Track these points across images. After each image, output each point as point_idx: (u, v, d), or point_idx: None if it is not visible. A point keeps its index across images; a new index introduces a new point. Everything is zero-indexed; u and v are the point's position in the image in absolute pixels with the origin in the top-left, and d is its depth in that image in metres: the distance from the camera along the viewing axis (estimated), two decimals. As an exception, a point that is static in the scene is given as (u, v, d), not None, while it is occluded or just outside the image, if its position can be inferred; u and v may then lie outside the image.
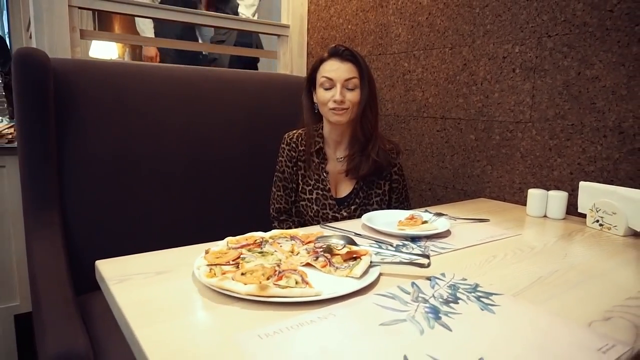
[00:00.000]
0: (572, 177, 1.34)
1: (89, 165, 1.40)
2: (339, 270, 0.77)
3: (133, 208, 1.47)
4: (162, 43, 2.75)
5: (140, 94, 1.53)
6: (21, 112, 1.30)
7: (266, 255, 0.81)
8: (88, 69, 1.48)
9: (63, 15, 1.63)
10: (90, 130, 1.42)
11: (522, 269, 0.86)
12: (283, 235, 0.93)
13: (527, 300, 0.72)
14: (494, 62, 1.52)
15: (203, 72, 1.80)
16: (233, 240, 0.89)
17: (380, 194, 1.42)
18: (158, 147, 1.53)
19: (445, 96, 1.69)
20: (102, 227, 1.41)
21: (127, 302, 0.67)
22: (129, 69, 1.58)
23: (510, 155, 1.50)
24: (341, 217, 1.39)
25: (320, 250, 0.85)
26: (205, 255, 0.81)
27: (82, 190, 1.39)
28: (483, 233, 1.10)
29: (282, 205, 1.45)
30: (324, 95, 1.31)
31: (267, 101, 1.81)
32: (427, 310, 0.66)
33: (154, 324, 0.62)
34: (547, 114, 1.39)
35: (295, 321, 0.62)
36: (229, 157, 1.67)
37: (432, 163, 1.77)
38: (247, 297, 0.66)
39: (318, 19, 2.24)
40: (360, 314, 0.65)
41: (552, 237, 1.11)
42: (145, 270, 0.80)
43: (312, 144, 1.41)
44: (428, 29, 1.73)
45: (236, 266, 0.76)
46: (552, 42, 1.36)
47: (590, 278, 0.83)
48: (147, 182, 1.50)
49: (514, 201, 1.49)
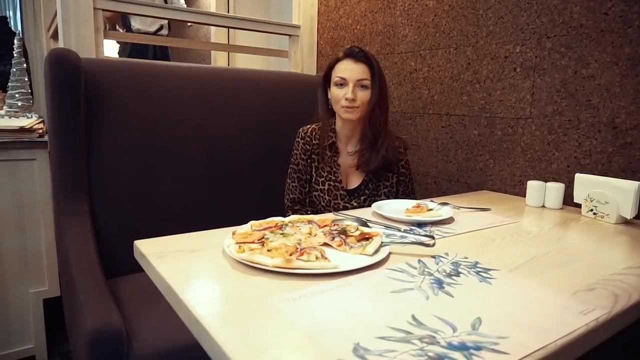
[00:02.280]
0: (569, 169, 1.42)
1: (114, 159, 1.50)
2: (353, 249, 0.87)
3: (156, 199, 1.57)
4: (176, 42, 2.84)
5: (162, 91, 1.62)
6: (54, 109, 1.40)
7: (287, 236, 0.91)
8: (114, 67, 1.58)
9: (88, 16, 1.72)
10: (115, 125, 1.52)
11: (518, 250, 0.95)
12: (301, 220, 1.03)
13: (521, 275, 0.81)
14: (496, 62, 1.60)
15: (219, 71, 1.89)
16: (256, 224, 0.98)
17: (388, 186, 1.51)
18: (178, 142, 1.62)
19: (450, 94, 1.78)
20: (127, 216, 1.51)
21: (169, 273, 0.77)
22: (152, 68, 1.67)
23: (511, 150, 1.58)
24: (351, 207, 1.47)
25: (335, 232, 0.94)
26: (233, 235, 0.90)
27: (109, 182, 1.49)
28: (484, 220, 1.19)
29: (297, 195, 1.55)
30: (337, 93, 1.40)
31: (279, 99, 1.90)
32: (432, 281, 0.76)
33: (196, 290, 0.71)
34: (546, 111, 1.47)
35: (317, 289, 0.71)
36: (243, 151, 1.76)
37: (437, 157, 1.85)
38: (274, 269, 0.76)
39: (328, 19, 2.32)
40: (373, 284, 0.74)
41: (548, 224, 1.19)
42: (179, 248, 0.90)
43: (325, 138, 1.49)
44: (434, 30, 1.81)
45: (262, 244, 0.86)
46: (550, 43, 1.44)
47: (579, 257, 0.92)
48: (168, 174, 1.60)
49: (514, 193, 1.57)
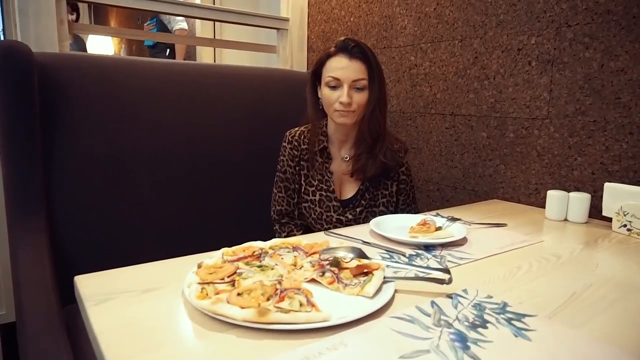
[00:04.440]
0: (594, 177, 1.25)
1: (78, 167, 1.31)
2: (348, 288, 0.68)
3: (126, 212, 1.37)
4: (160, 37, 2.66)
5: (134, 90, 1.44)
6: (2, 109, 1.21)
7: (266, 270, 0.73)
8: (76, 63, 1.39)
9: (50, 7, 1.53)
10: (79, 128, 1.33)
11: (551, 283, 0.78)
12: (285, 245, 0.84)
13: (563, 322, 0.63)
14: (508, 55, 1.43)
15: (199, 67, 1.71)
16: (229, 251, 0.80)
17: (387, 196, 1.33)
18: (153, 147, 1.44)
19: (454, 91, 1.60)
20: (93, 233, 1.32)
21: (106, 328, 0.58)
22: (121, 63, 1.49)
23: (525, 154, 1.41)
24: (346, 220, 1.30)
25: (326, 263, 0.76)
26: (197, 270, 0.72)
27: (71, 194, 1.30)
28: (502, 240, 1.01)
29: (284, 207, 1.37)
30: (330, 95, 1.21)
31: (266, 98, 1.73)
32: (453, 337, 0.57)
33: (134, 357, 0.53)
34: (567, 110, 1.30)
35: (301, 354, 0.53)
36: (227, 157, 1.59)
37: (441, 162, 1.68)
38: (244, 323, 0.57)
39: (319, 11, 2.15)
40: (376, 343, 0.56)
41: (576, 244, 1.02)
42: (130, 287, 0.71)
43: (315, 142, 1.32)
44: (436, 21, 1.64)
45: (232, 284, 0.67)
46: (572, 33, 1.27)
47: (628, 294, 0.74)
48: (141, 184, 1.41)
49: (529, 203, 1.40)
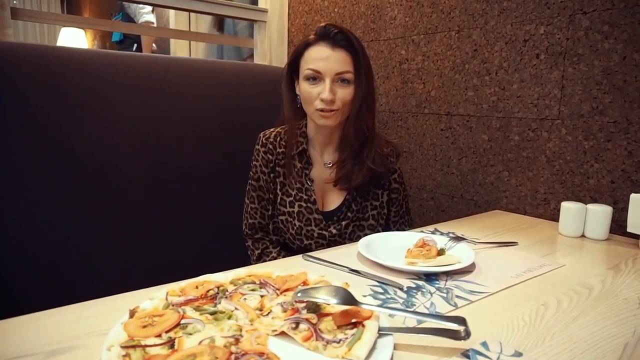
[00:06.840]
0: (614, 186, 1.10)
1: (16, 170, 1.15)
2: (330, 347, 0.50)
3: (73, 223, 1.22)
4: (128, 28, 2.47)
5: (86, 83, 1.29)
6: None
7: (220, 320, 0.54)
8: (17, 53, 1.22)
9: (-12, -11, 1.33)
10: (20, 125, 1.17)
11: (593, 330, 0.61)
12: (250, 279, 0.66)
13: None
14: (513, 47, 1.29)
15: (164, 60, 1.55)
16: (175, 290, 0.61)
17: (377, 207, 1.16)
18: (108, 148, 1.29)
19: (451, 89, 1.46)
20: (32, 246, 1.16)
21: None
22: (71, 54, 1.33)
23: (532, 160, 1.26)
24: (329, 235, 1.12)
25: (302, 307, 0.57)
26: (127, 321, 0.53)
27: (8, 201, 1.14)
28: (516, 264, 0.84)
29: (257, 220, 1.19)
30: (309, 91, 1.04)
31: (241, 96, 1.59)
32: None
33: None
34: (581, 109, 1.16)
35: None
36: (193, 160, 1.44)
37: (435, 168, 1.52)
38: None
39: (300, 2, 2.02)
40: None
41: (604, 268, 0.86)
42: (32, 349, 0.52)
43: (293, 145, 1.14)
44: (430, 10, 1.50)
45: (170, 344, 0.49)
46: (588, 20, 1.14)
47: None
48: (92, 191, 1.25)
49: (537, 215, 1.26)
